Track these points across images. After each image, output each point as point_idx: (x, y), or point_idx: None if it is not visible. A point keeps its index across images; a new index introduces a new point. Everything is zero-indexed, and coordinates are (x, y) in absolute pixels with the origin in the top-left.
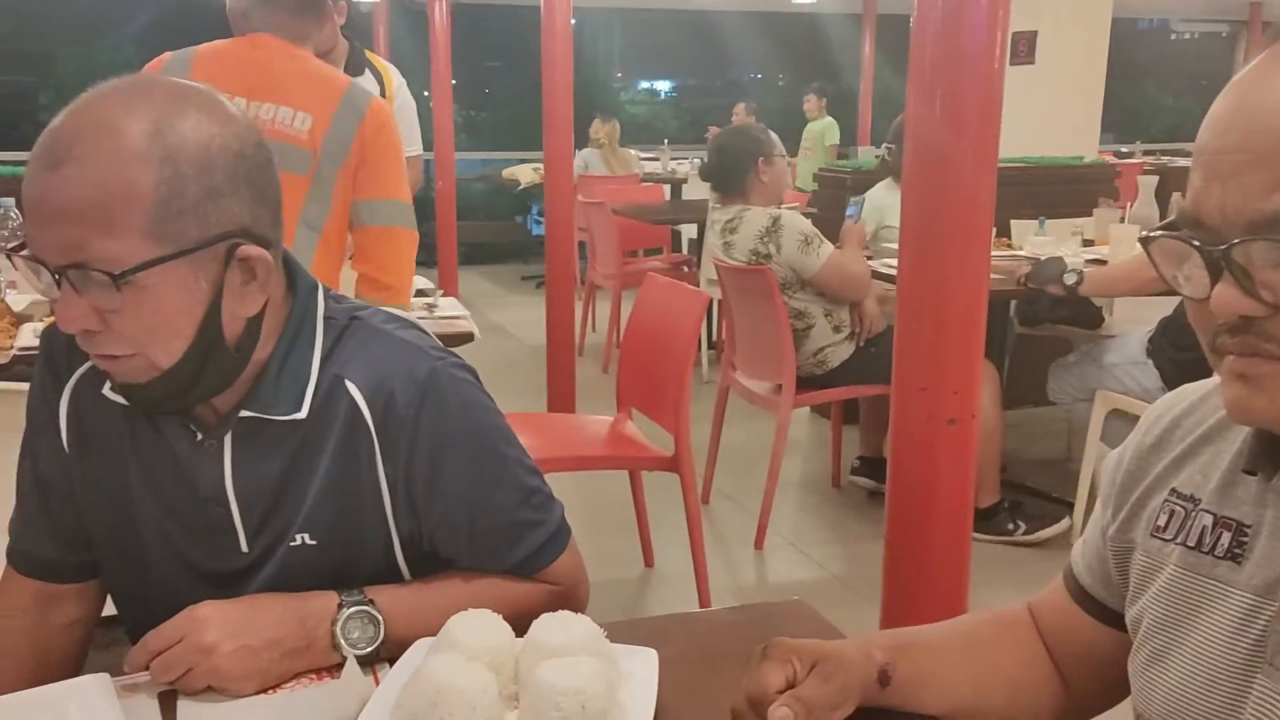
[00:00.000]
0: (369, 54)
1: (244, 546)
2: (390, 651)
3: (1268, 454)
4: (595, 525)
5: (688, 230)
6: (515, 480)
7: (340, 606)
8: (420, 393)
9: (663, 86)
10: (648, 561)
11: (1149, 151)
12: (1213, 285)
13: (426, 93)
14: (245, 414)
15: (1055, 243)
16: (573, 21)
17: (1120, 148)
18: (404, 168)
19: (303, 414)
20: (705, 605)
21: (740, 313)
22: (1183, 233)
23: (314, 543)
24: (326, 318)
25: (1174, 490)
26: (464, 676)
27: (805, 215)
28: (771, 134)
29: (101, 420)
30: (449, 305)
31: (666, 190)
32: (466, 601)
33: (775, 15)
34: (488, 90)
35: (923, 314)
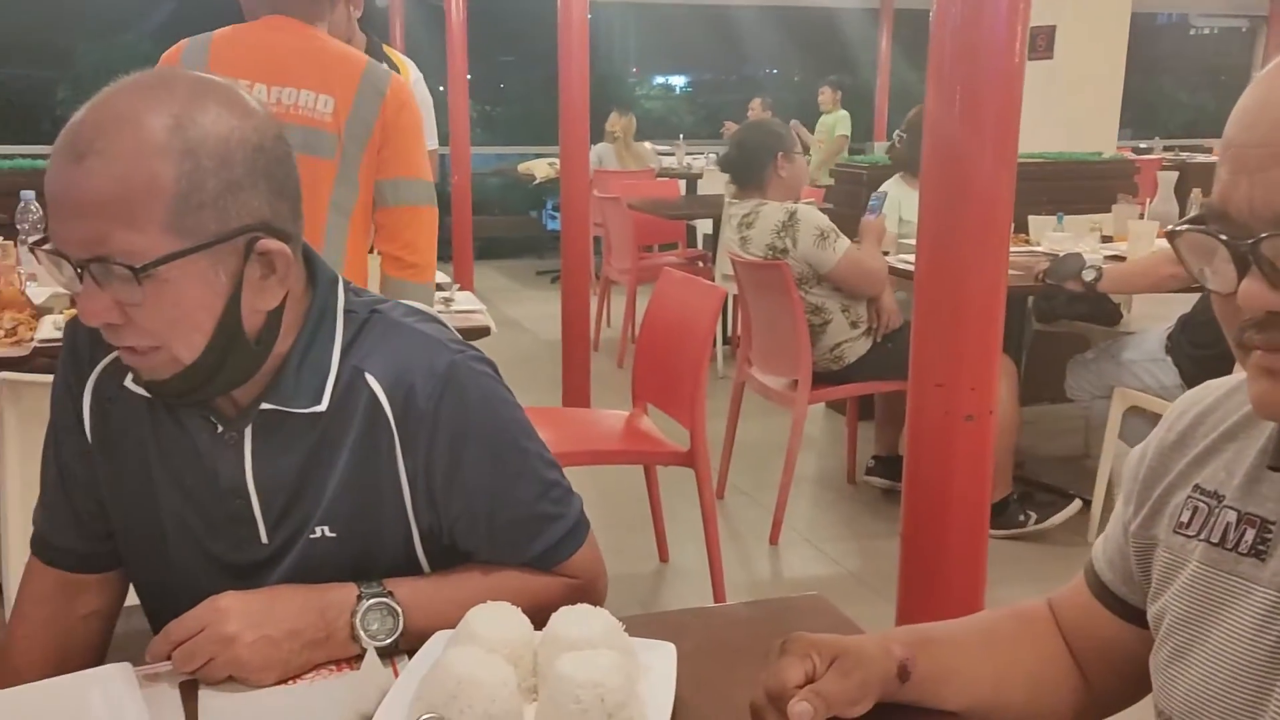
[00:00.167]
0: (386, 48)
1: (264, 538)
2: (409, 643)
3: None
4: (610, 520)
5: (703, 225)
6: (535, 473)
7: (360, 598)
8: (440, 386)
9: (678, 81)
10: (662, 556)
11: (1168, 147)
12: (1240, 280)
13: (442, 87)
14: (266, 406)
15: (1074, 239)
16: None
17: (1139, 143)
18: (424, 145)
19: (323, 407)
20: (720, 600)
21: (756, 308)
22: (1210, 226)
23: (333, 535)
24: (347, 311)
25: (1197, 486)
26: (483, 669)
27: (822, 210)
28: (792, 130)
29: (124, 412)
30: (465, 299)
31: (682, 185)
32: (485, 594)
33: (791, 10)
34: (503, 85)
35: (941, 310)
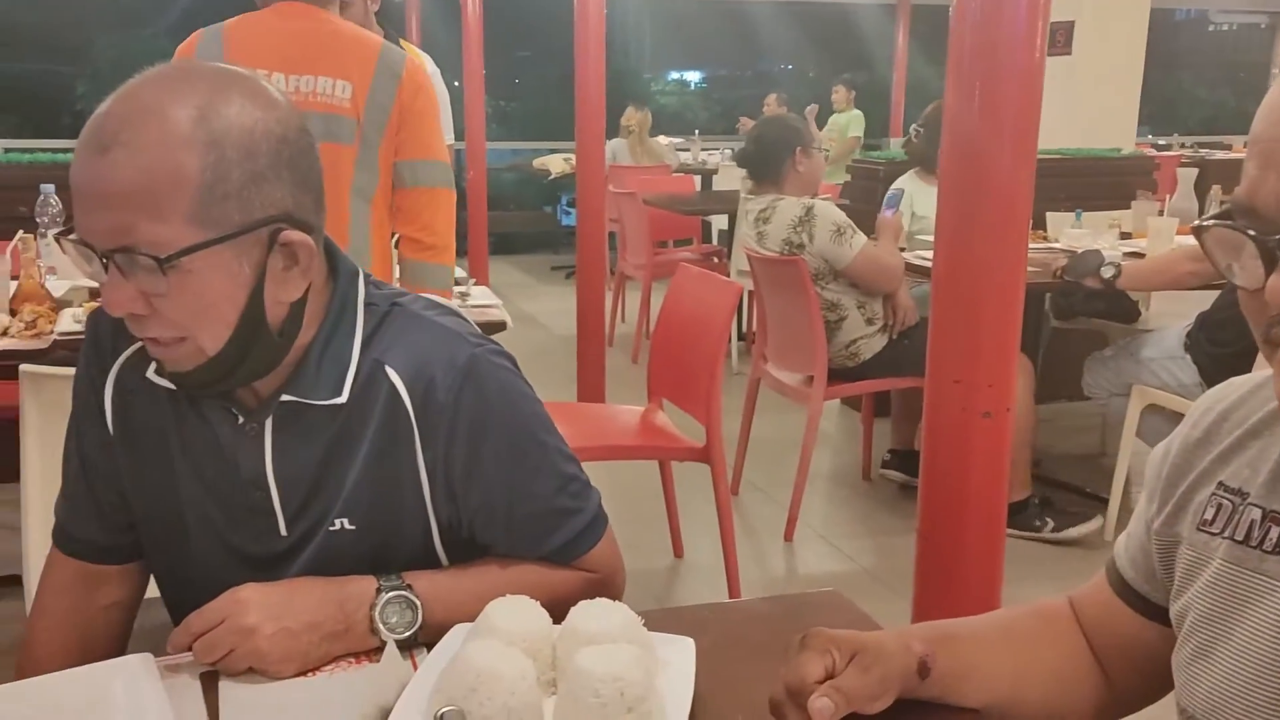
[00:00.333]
0: (403, 43)
1: (283, 530)
2: (428, 636)
3: None
4: (625, 515)
5: (718, 221)
6: (554, 467)
7: (379, 591)
8: (460, 379)
9: (693, 77)
10: (677, 552)
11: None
12: (1267, 275)
13: (458, 82)
14: (286, 398)
15: (1092, 235)
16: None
17: (1158, 140)
18: (440, 126)
19: (343, 399)
20: (735, 596)
21: (772, 304)
22: (1237, 222)
23: (353, 528)
24: (367, 303)
25: (1221, 484)
26: (503, 662)
27: (838, 206)
28: (811, 126)
29: (146, 403)
30: (481, 294)
31: (697, 181)
32: (504, 588)
33: (807, 5)
34: (518, 80)
35: (959, 306)
